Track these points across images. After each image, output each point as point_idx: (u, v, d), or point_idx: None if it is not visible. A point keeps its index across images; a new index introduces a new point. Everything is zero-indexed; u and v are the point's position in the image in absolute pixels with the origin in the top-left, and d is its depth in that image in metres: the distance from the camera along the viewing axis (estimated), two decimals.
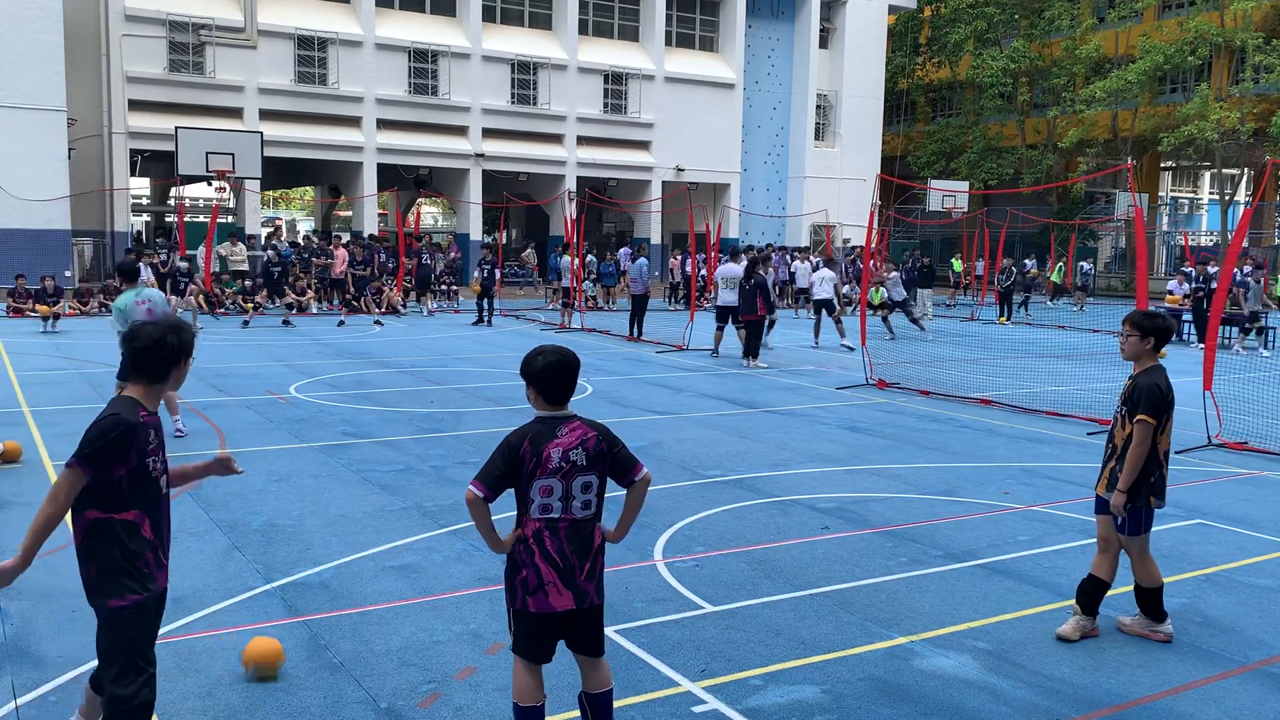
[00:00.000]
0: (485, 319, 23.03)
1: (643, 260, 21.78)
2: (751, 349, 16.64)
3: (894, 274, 23.12)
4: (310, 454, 9.45)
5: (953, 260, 36.89)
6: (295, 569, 6.32)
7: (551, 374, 3.95)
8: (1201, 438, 10.74)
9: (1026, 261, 34.73)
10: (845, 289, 31.80)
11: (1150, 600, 5.57)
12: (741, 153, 39.54)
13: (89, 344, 17.72)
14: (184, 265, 24.08)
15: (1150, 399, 5.39)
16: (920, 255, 30.24)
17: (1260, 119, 37.43)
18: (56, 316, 20.48)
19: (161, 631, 5.34)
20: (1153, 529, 5.67)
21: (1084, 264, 34.38)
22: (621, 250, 31.29)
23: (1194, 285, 23.00)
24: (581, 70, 35.81)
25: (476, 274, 24.17)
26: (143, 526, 3.69)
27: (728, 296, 17.41)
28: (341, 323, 22.36)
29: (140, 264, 23.20)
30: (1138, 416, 5.40)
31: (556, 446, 3.83)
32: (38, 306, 20.87)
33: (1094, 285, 34.15)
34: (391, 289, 26.13)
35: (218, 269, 26.39)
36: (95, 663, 4.93)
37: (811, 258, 29.61)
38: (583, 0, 36.24)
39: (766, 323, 17.55)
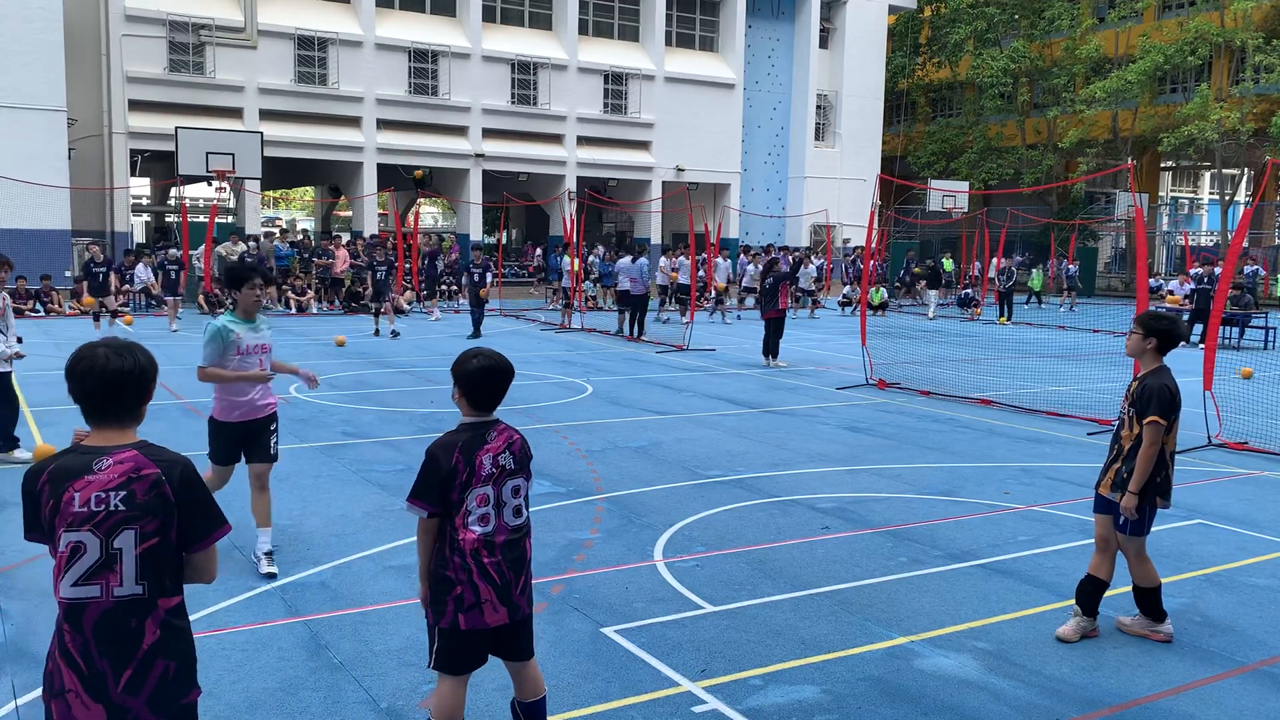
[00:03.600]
0: (476, 329, 20.61)
1: (642, 260, 21.77)
2: (772, 348, 16.64)
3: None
4: (310, 454, 9.45)
5: (943, 259, 36.87)
6: (295, 569, 6.32)
7: (485, 379, 3.75)
8: (1201, 438, 10.74)
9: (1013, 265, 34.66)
10: (846, 289, 31.90)
11: (1149, 600, 5.56)
12: (741, 153, 39.54)
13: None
14: (175, 253, 23.81)
15: (1160, 400, 5.38)
16: (914, 256, 30.27)
17: (1260, 119, 37.43)
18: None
19: None
20: (1152, 529, 5.67)
21: (1070, 265, 34.34)
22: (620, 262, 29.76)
23: (1195, 286, 23.02)
24: (581, 70, 35.81)
25: (465, 280, 22.66)
26: None
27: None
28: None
29: (141, 264, 23.32)
30: (1150, 418, 5.38)
31: (487, 453, 3.71)
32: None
33: (1077, 285, 34.01)
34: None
35: (216, 269, 26.32)
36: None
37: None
38: (583, 0, 36.24)
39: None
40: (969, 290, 31.02)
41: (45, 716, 2.83)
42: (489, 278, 20.58)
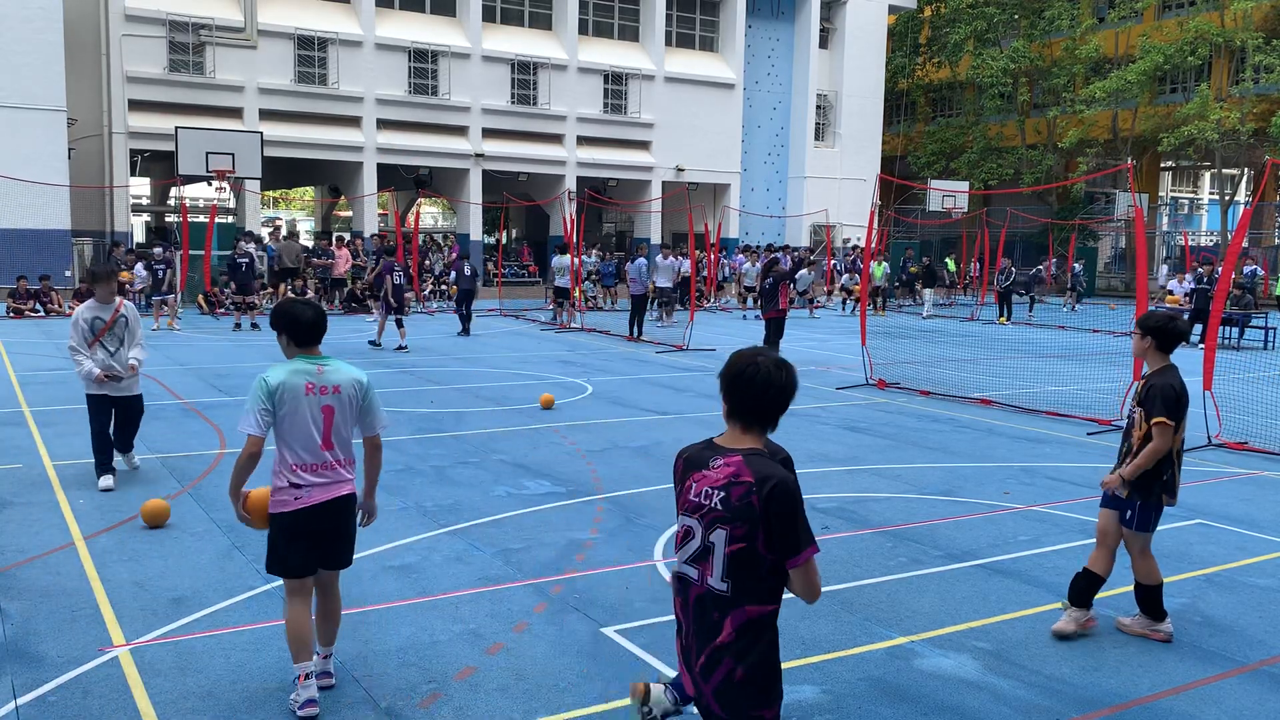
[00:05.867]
0: (465, 327, 20.85)
1: (642, 260, 21.77)
2: (772, 348, 16.63)
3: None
4: None
5: (946, 260, 36.86)
6: None
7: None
8: (1201, 438, 10.74)
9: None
10: (844, 279, 31.96)
11: (1150, 598, 5.57)
12: (741, 153, 39.53)
13: None
14: (158, 251, 23.78)
15: (1165, 400, 5.42)
16: (911, 255, 30.26)
17: (1260, 119, 37.42)
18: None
19: (161, 631, 5.35)
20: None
21: (1074, 265, 34.36)
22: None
23: (1194, 286, 23.03)
24: (581, 70, 35.80)
25: (453, 274, 22.47)
26: None
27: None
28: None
29: (140, 264, 23.30)
30: (1155, 419, 5.41)
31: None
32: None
33: (1080, 285, 33.98)
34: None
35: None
36: (96, 663, 4.95)
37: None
38: (583, 0, 36.24)
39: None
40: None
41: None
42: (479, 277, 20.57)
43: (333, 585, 4.80)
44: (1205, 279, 22.09)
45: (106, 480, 8.14)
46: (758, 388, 2.95)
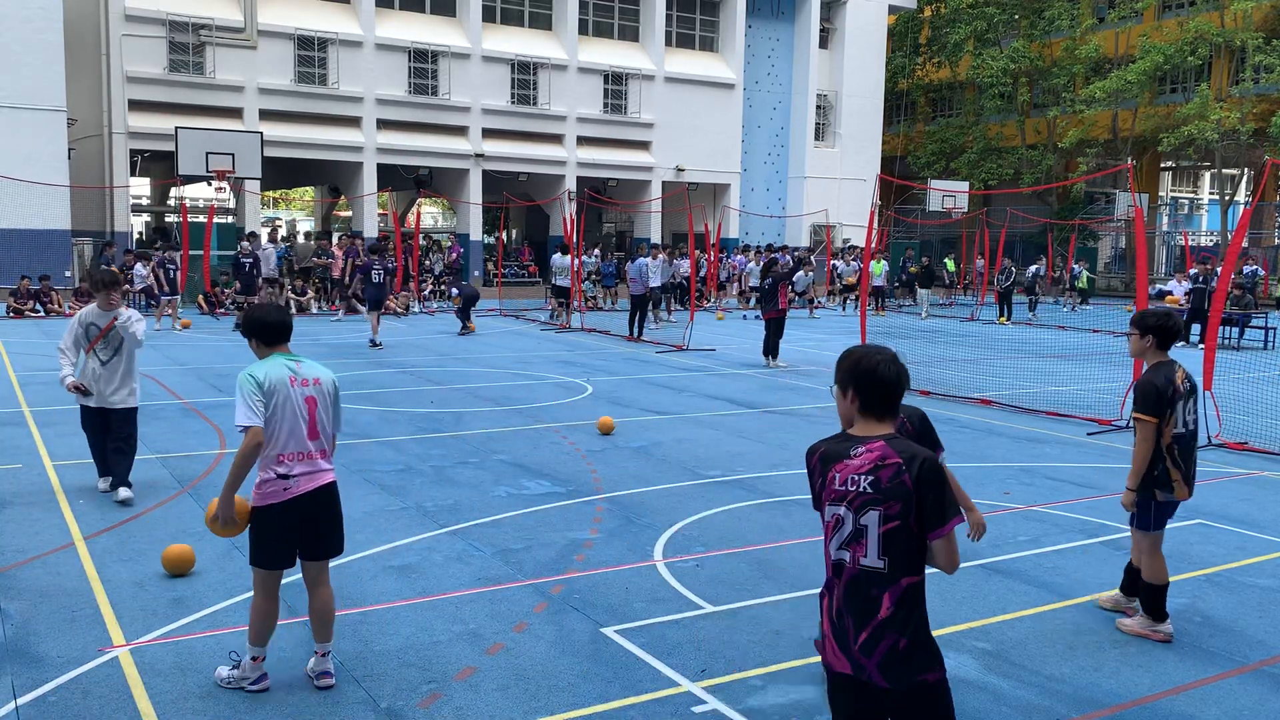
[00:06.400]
0: (468, 324, 21.20)
1: (642, 260, 21.77)
2: (772, 348, 16.64)
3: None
4: None
5: (946, 260, 36.85)
6: (295, 569, 6.30)
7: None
8: (1202, 437, 10.72)
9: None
10: (843, 268, 32.01)
11: (1153, 598, 5.57)
12: (741, 153, 39.52)
13: None
14: (156, 254, 23.82)
15: (1145, 396, 5.53)
16: (911, 255, 30.25)
17: (1260, 119, 37.41)
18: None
19: (161, 631, 5.36)
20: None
21: (1076, 266, 34.35)
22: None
23: (1192, 286, 23.04)
24: (581, 70, 35.80)
25: (455, 291, 22.48)
26: None
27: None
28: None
29: (140, 264, 23.30)
30: (1134, 415, 5.55)
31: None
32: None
33: (1080, 285, 33.97)
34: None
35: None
36: (96, 663, 4.95)
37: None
38: (583, 0, 36.23)
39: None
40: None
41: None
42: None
43: (323, 578, 4.86)
44: (1201, 279, 22.14)
45: (105, 483, 8.05)
46: (889, 384, 3.22)
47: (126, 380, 7.86)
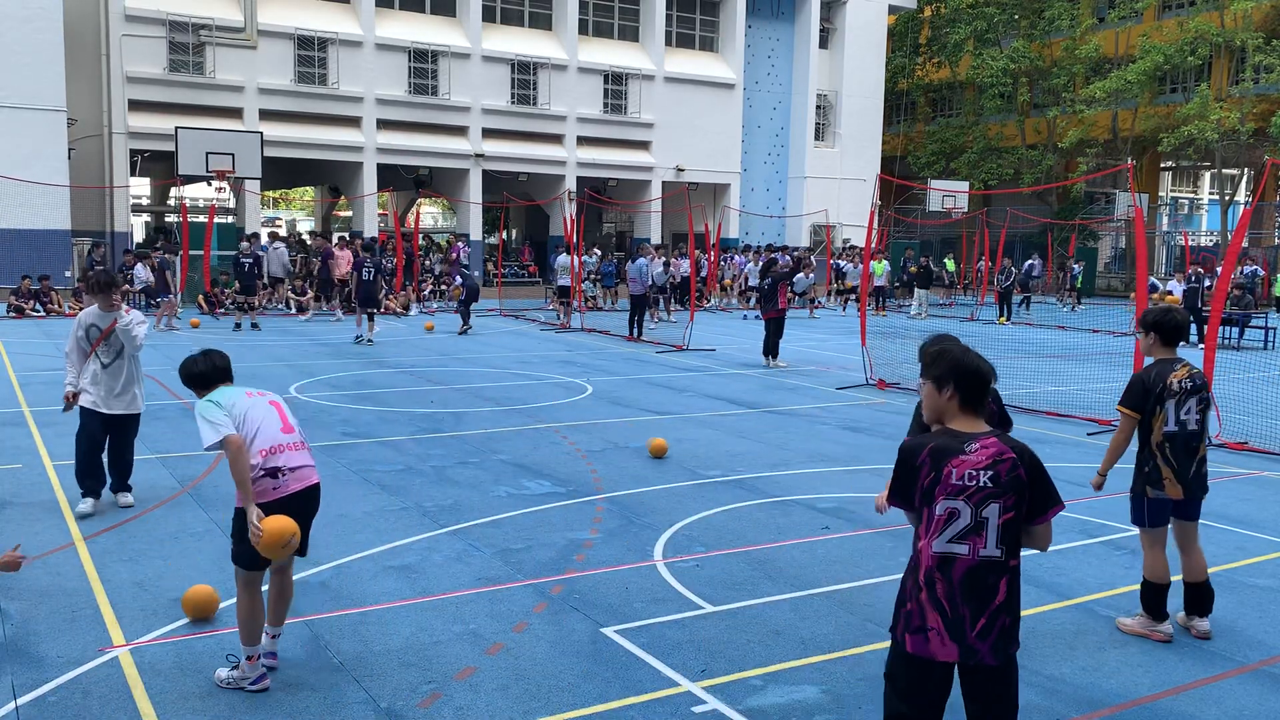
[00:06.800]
0: (466, 324, 21.25)
1: (642, 260, 21.77)
2: (772, 348, 16.64)
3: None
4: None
5: (945, 260, 36.83)
6: (295, 569, 6.29)
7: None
8: None
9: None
10: (843, 265, 31.98)
11: (1151, 596, 5.57)
12: (741, 153, 39.53)
13: None
14: (158, 254, 23.83)
15: (1129, 391, 5.66)
16: (911, 255, 30.25)
17: (1260, 119, 37.41)
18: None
19: (161, 631, 5.36)
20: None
21: (1074, 266, 34.34)
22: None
23: (1186, 286, 23.11)
24: (581, 70, 35.80)
25: (457, 279, 22.60)
26: None
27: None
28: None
29: (140, 265, 23.30)
30: (1117, 406, 5.72)
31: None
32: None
33: (1079, 285, 33.93)
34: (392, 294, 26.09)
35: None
36: (96, 663, 4.95)
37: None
38: (583, 0, 36.23)
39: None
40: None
41: (894, 647, 3.47)
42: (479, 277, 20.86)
43: (289, 566, 5.05)
44: (1194, 279, 22.23)
45: (86, 505, 7.42)
46: (987, 380, 3.46)
47: (130, 384, 7.59)
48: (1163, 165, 49.78)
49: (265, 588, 4.93)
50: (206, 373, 5.00)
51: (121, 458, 7.71)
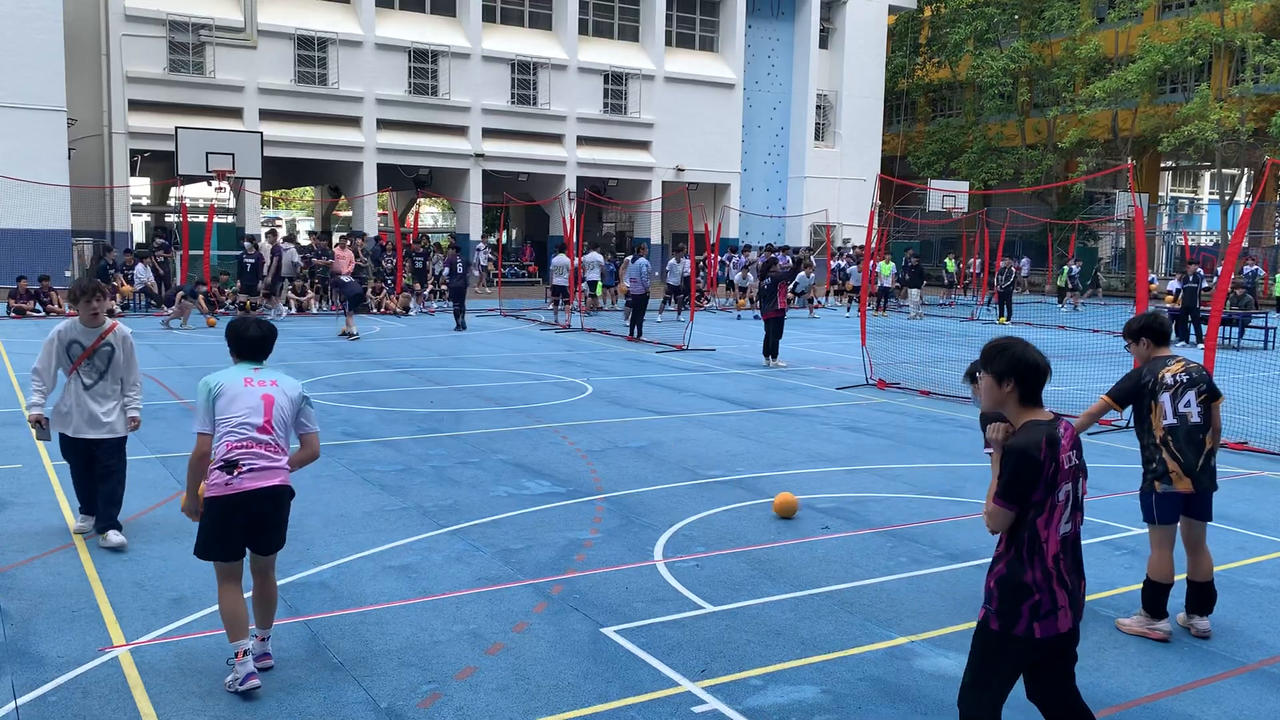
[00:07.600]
0: (460, 322, 21.55)
1: (642, 260, 21.75)
2: (772, 348, 16.64)
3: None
4: None
5: (946, 260, 36.84)
6: (295, 569, 6.31)
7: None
8: None
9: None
10: (844, 265, 31.96)
11: (1152, 594, 5.57)
12: (741, 153, 39.55)
13: None
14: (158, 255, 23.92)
15: (1118, 383, 5.79)
16: (911, 255, 30.22)
17: (1260, 119, 37.41)
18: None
19: (161, 631, 5.36)
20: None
21: (1073, 266, 34.32)
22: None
23: (1182, 286, 23.11)
24: (581, 70, 35.81)
25: (445, 270, 22.90)
26: None
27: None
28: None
29: (140, 265, 23.33)
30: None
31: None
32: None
33: (1079, 285, 33.87)
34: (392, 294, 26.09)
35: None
36: (96, 663, 4.95)
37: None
38: (583, 0, 36.24)
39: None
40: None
41: (1010, 640, 3.57)
42: (471, 274, 21.03)
43: (269, 570, 4.97)
44: (1190, 278, 22.24)
45: (84, 523, 6.90)
46: (1042, 373, 3.66)
47: (115, 406, 6.79)
48: (1163, 165, 49.78)
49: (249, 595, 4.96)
50: (247, 341, 5.03)
51: (105, 486, 6.70)
